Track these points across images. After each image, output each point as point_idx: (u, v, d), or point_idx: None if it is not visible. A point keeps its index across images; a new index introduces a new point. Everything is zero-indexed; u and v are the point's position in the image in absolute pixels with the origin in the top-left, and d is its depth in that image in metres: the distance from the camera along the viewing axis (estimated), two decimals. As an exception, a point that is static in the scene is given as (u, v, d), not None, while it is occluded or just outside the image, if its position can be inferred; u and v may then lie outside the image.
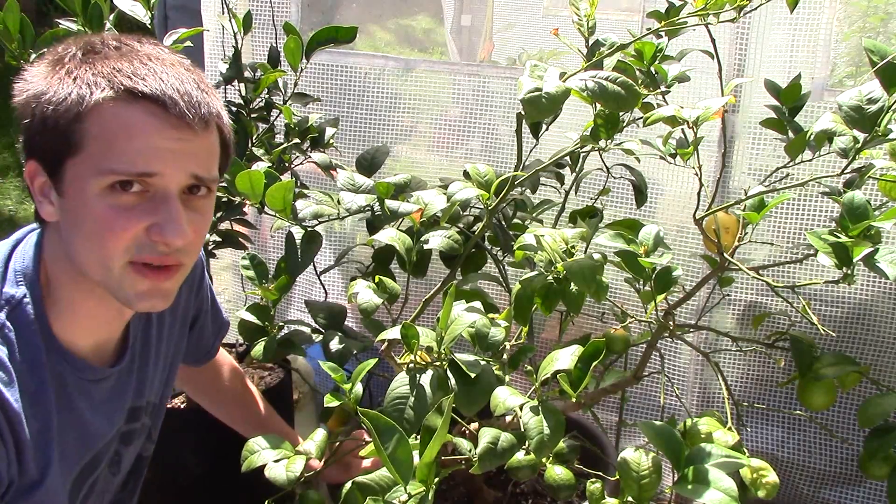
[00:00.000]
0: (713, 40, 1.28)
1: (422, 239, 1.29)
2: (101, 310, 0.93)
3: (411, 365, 1.00)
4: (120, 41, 0.87)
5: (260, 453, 1.11)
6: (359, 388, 1.08)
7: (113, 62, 0.84)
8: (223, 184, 1.32)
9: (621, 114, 1.15)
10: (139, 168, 0.83)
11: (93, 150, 0.82)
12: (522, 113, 1.09)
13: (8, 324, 0.86)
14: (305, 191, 1.41)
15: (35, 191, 0.88)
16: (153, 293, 0.89)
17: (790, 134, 1.30)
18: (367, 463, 1.27)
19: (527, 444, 0.94)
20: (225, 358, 1.38)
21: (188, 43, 1.53)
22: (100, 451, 0.99)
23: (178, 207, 0.86)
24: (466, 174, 1.35)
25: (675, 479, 0.91)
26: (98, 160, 0.82)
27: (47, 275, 0.91)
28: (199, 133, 0.86)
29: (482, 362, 1.00)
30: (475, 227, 1.42)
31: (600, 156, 1.39)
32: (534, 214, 1.49)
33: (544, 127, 1.42)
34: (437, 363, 0.99)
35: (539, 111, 1.05)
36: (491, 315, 1.09)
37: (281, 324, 1.36)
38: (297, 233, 1.33)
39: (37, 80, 0.85)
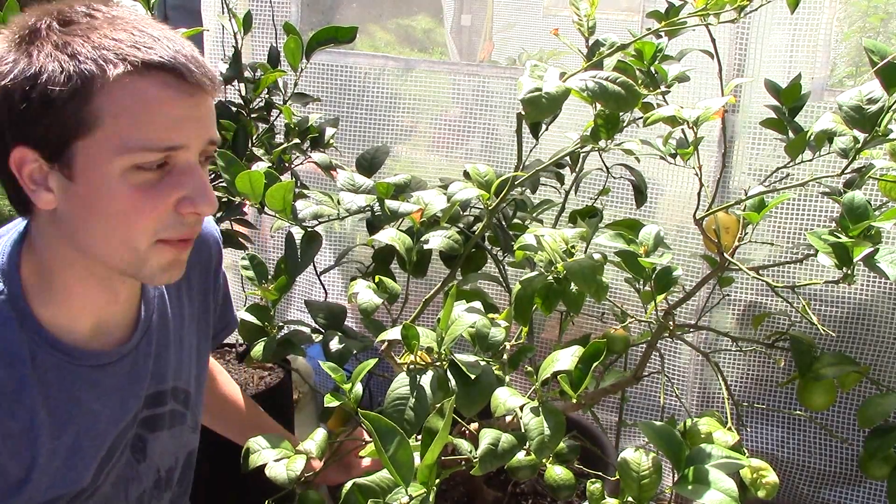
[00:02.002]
0: (713, 40, 1.28)
1: (422, 239, 1.29)
2: (97, 290, 0.90)
3: (411, 365, 1.00)
4: (90, 7, 0.82)
5: (260, 453, 1.11)
6: (359, 388, 1.08)
7: (107, 32, 0.79)
8: (223, 184, 1.32)
9: (621, 114, 1.15)
10: (167, 142, 0.81)
11: (112, 128, 0.79)
12: (522, 113, 1.09)
13: None
14: (305, 191, 1.41)
15: (24, 180, 0.81)
16: (174, 264, 0.88)
17: (790, 134, 1.30)
18: (367, 462, 1.27)
19: (527, 444, 0.94)
20: (217, 367, 1.37)
21: (188, 43, 1.53)
22: (116, 437, 0.96)
23: (203, 176, 0.85)
24: (466, 174, 1.35)
25: (676, 479, 0.91)
26: (122, 138, 0.79)
27: (39, 265, 0.87)
28: (209, 97, 0.84)
29: (482, 363, 1.00)
30: (475, 227, 1.42)
31: (600, 156, 1.39)
32: (534, 214, 1.49)
33: (544, 127, 1.42)
34: (438, 364, 0.99)
35: (539, 111, 1.05)
36: (491, 315, 1.09)
37: (281, 324, 1.36)
38: (297, 233, 1.33)
39: (16, 60, 0.78)
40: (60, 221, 0.84)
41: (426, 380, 0.97)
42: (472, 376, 0.97)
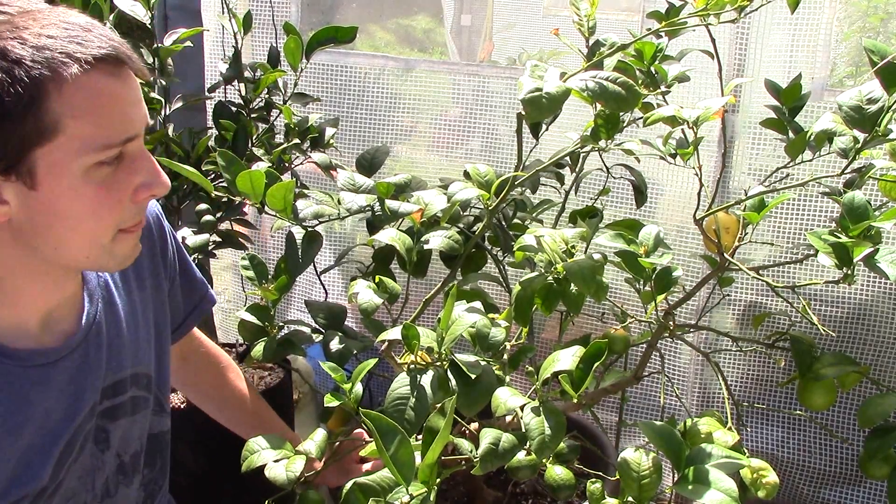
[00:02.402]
0: (713, 40, 1.28)
1: (422, 239, 1.29)
2: (49, 288, 0.89)
3: (412, 365, 1.00)
4: None
5: (260, 453, 1.11)
6: (359, 388, 1.08)
7: (37, 30, 0.75)
8: (223, 184, 1.32)
9: (621, 114, 1.15)
10: (124, 134, 0.80)
11: (73, 131, 0.76)
12: (522, 113, 1.09)
13: None
14: (305, 191, 1.41)
15: None
16: (134, 249, 0.89)
17: (790, 134, 1.30)
18: (366, 467, 1.27)
19: (528, 444, 0.94)
20: (228, 360, 1.37)
21: (188, 43, 1.53)
22: (74, 432, 0.94)
23: (151, 157, 0.84)
24: (466, 174, 1.35)
25: (676, 479, 0.91)
26: (83, 139, 0.77)
27: None
28: (135, 78, 0.83)
29: (482, 363, 1.00)
30: (475, 227, 1.42)
31: (600, 156, 1.39)
32: (534, 214, 1.49)
33: (544, 127, 1.42)
34: (438, 363, 0.99)
35: (539, 111, 1.05)
36: (491, 315, 1.09)
37: (281, 324, 1.36)
38: (298, 233, 1.33)
39: None
40: (17, 230, 0.81)
41: (426, 380, 0.97)
42: (473, 376, 0.97)
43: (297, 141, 1.57)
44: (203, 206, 1.51)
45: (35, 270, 0.86)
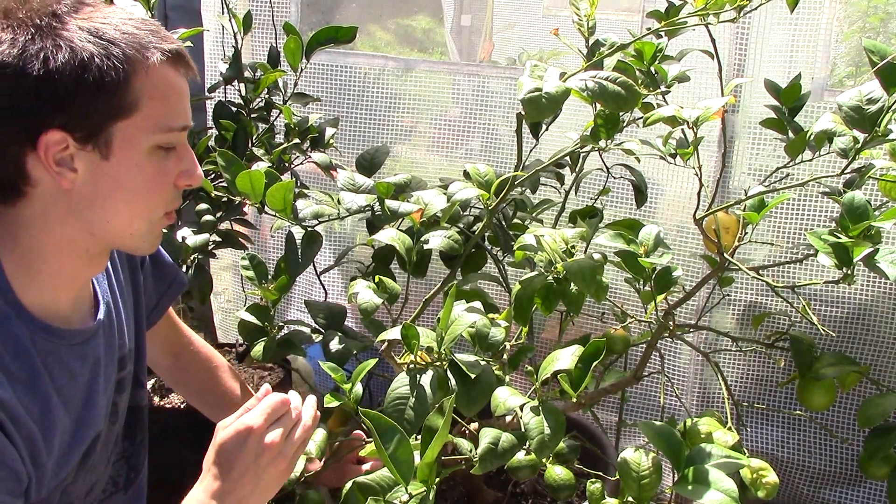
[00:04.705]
0: (713, 40, 1.28)
1: (422, 239, 1.29)
2: (84, 268, 0.95)
3: (411, 365, 1.00)
4: None
5: (260, 453, 1.10)
6: (359, 388, 1.08)
7: (121, 18, 0.86)
8: (223, 183, 1.32)
9: (621, 114, 1.15)
10: (183, 122, 0.91)
11: (149, 111, 0.86)
12: (522, 113, 1.09)
13: None
14: (305, 191, 1.41)
15: (49, 162, 0.83)
16: (160, 237, 0.98)
17: (790, 134, 1.30)
18: (365, 468, 1.27)
19: (527, 444, 0.94)
20: (221, 361, 1.37)
21: (188, 43, 1.53)
22: (107, 404, 1.01)
23: (193, 153, 0.95)
24: (466, 174, 1.35)
25: (676, 479, 0.91)
26: (156, 120, 0.87)
27: (22, 251, 0.88)
28: None
29: (482, 362, 1.00)
30: (475, 227, 1.42)
31: (600, 156, 1.39)
32: (534, 214, 1.49)
33: (544, 127, 1.42)
34: (438, 363, 0.99)
35: (539, 111, 1.05)
36: (491, 315, 1.09)
37: (281, 324, 1.36)
38: (298, 233, 1.33)
39: (54, 47, 0.80)
40: (76, 201, 0.87)
41: (426, 379, 0.97)
42: (472, 376, 0.97)
43: (297, 141, 1.57)
44: (203, 206, 1.51)
45: (79, 248, 0.91)
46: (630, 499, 0.95)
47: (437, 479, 0.88)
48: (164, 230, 1.01)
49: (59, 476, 0.91)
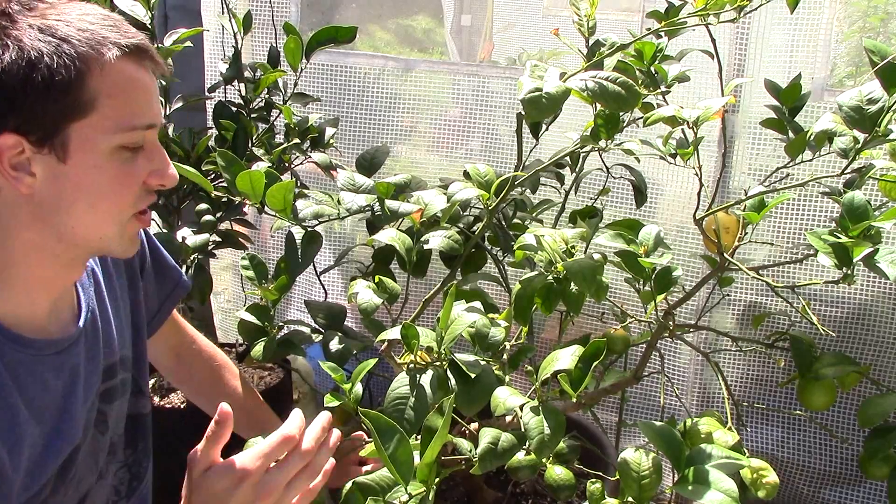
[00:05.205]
0: (713, 40, 1.28)
1: (422, 239, 1.29)
2: (57, 275, 0.91)
3: (411, 365, 1.00)
4: None
5: (260, 453, 1.10)
6: (359, 388, 1.08)
7: (77, 14, 0.82)
8: (223, 183, 1.32)
9: (621, 114, 1.15)
10: (148, 120, 0.86)
11: (106, 110, 0.82)
12: (522, 113, 1.09)
13: None
14: (305, 191, 1.41)
15: (5, 167, 0.81)
16: (136, 239, 0.94)
17: (790, 134, 1.30)
18: (366, 468, 1.27)
19: (527, 444, 0.94)
20: (224, 359, 1.37)
21: (188, 43, 1.53)
22: (87, 414, 0.97)
23: (164, 150, 0.91)
24: (466, 174, 1.35)
25: (676, 479, 0.91)
26: (116, 119, 0.83)
27: None
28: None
29: (482, 362, 1.00)
30: (475, 227, 1.42)
31: (600, 156, 1.39)
32: (534, 214, 1.49)
33: (544, 127, 1.42)
34: (437, 363, 0.99)
35: (539, 111, 1.05)
36: (491, 315, 1.09)
37: (281, 324, 1.36)
38: (298, 233, 1.33)
39: (3, 46, 0.78)
40: (38, 206, 0.84)
41: (426, 379, 0.97)
42: (472, 376, 0.97)
43: (297, 141, 1.57)
44: (203, 206, 1.51)
45: (48, 254, 0.88)
46: (630, 499, 0.95)
47: (437, 479, 0.88)
48: (166, 231, 1.00)
49: (31, 489, 0.88)
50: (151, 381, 1.70)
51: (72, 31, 0.80)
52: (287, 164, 1.60)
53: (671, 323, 1.24)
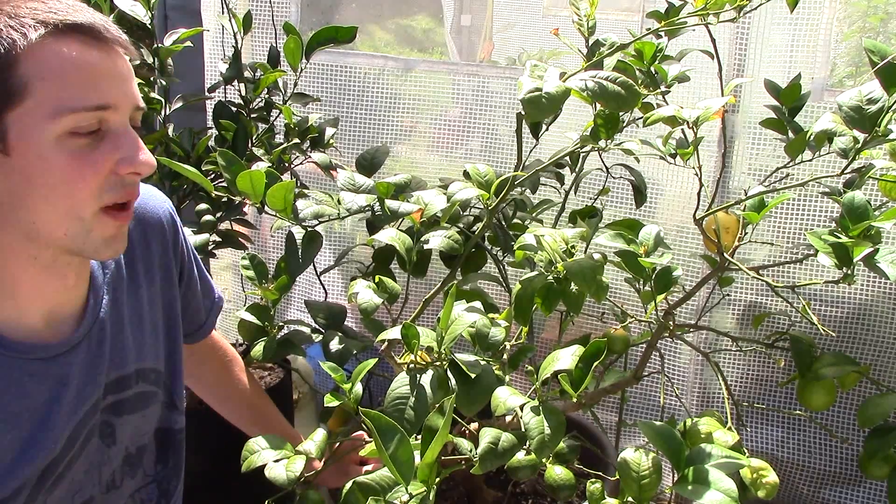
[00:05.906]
0: (713, 40, 1.28)
1: (422, 239, 1.29)
2: (44, 278, 0.88)
3: (411, 365, 1.00)
4: None
5: (260, 453, 1.11)
6: (359, 388, 1.08)
7: (19, 3, 0.78)
8: (223, 183, 1.32)
9: (621, 114, 1.16)
10: (96, 101, 0.80)
11: (42, 94, 0.77)
12: (522, 113, 1.09)
13: None
14: (305, 191, 1.42)
15: None
16: (117, 238, 0.87)
17: (790, 134, 1.30)
18: (367, 468, 1.27)
19: (527, 444, 0.94)
20: (234, 354, 1.36)
21: (188, 43, 1.53)
22: (76, 426, 0.94)
23: (136, 135, 0.84)
24: (466, 174, 1.35)
25: (675, 479, 0.91)
26: (53, 102, 0.77)
27: None
28: (123, 57, 0.84)
29: (482, 362, 1.00)
30: (475, 227, 1.42)
31: (600, 156, 1.39)
32: (534, 214, 1.50)
33: (544, 127, 1.42)
34: (438, 363, 0.99)
35: (539, 111, 1.05)
36: (491, 315, 1.09)
37: (281, 324, 1.36)
38: (298, 233, 1.33)
39: None
40: None
41: (426, 379, 0.97)
42: (473, 376, 0.97)
43: (297, 141, 1.57)
44: (203, 205, 1.51)
45: (25, 256, 0.85)
46: (630, 499, 0.95)
47: (437, 479, 0.88)
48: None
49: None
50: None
51: (3, 18, 0.76)
52: (287, 164, 1.60)
53: (671, 323, 1.24)
